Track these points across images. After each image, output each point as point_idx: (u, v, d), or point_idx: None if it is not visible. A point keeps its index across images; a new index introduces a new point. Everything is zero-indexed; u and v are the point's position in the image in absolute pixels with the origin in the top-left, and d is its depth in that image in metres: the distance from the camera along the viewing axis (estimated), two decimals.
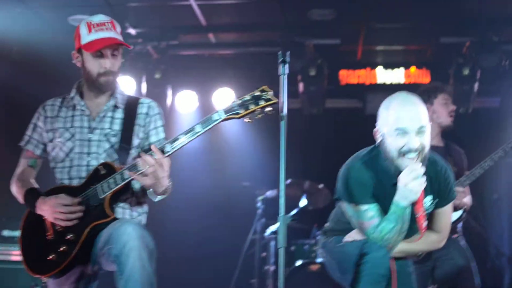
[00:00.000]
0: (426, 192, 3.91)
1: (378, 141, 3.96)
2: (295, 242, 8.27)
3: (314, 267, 7.76)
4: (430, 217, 4.11)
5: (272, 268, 7.99)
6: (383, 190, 3.92)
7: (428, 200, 4.00)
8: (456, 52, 8.29)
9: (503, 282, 8.62)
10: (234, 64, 9.05)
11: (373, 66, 8.78)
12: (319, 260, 7.63)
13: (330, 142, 8.34)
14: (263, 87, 3.91)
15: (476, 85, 8.27)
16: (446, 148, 5.60)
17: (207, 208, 8.72)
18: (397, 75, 8.73)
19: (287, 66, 3.89)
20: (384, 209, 3.91)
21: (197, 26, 8.09)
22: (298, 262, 7.86)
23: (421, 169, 3.74)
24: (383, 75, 8.76)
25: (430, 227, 4.12)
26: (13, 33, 7.71)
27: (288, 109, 9.04)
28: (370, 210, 3.91)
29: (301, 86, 8.51)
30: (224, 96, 8.72)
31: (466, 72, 8.19)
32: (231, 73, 9.03)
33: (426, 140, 3.82)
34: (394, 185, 3.84)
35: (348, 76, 8.81)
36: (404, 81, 8.66)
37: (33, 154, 4.33)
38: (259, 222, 8.13)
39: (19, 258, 6.08)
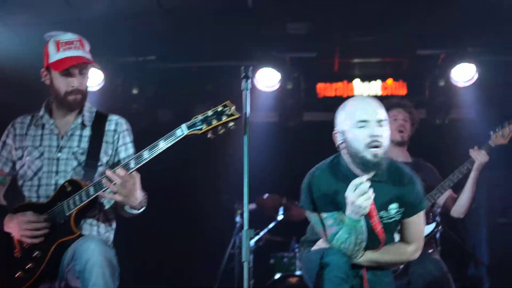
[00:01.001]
0: (392, 200, 3.97)
1: (338, 143, 3.99)
2: (275, 255, 8.31)
3: (293, 280, 7.81)
4: (401, 227, 4.12)
5: (252, 281, 7.97)
6: (344, 197, 3.90)
7: (393, 208, 4.00)
8: (431, 64, 8.37)
9: None
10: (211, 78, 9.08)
11: (350, 79, 8.80)
12: (298, 272, 7.66)
13: (308, 155, 8.34)
14: (226, 102, 3.93)
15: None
16: (414, 164, 5.60)
17: (185, 222, 8.71)
18: (374, 88, 8.75)
19: (249, 81, 3.89)
20: None
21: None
22: (277, 275, 7.89)
23: (365, 184, 3.73)
24: (360, 88, 8.78)
25: (401, 237, 4.14)
26: None
27: (266, 123, 9.15)
28: (329, 218, 3.95)
29: (277, 100, 8.54)
30: (209, 109, 8.66)
31: (441, 83, 8.27)
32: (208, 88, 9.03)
33: (386, 132, 3.87)
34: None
35: (325, 89, 8.82)
36: (381, 93, 8.68)
37: (1, 171, 4.35)
38: (238, 235, 8.13)
39: None
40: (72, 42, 4.22)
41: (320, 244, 4.11)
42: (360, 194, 3.72)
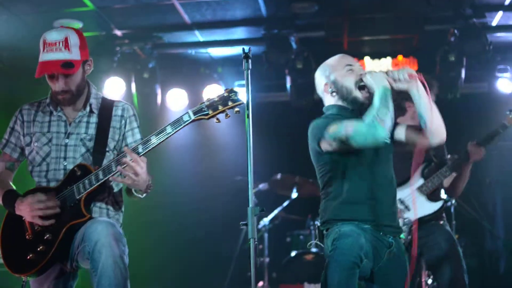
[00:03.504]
0: None
1: (329, 94, 4.27)
2: (291, 233, 8.39)
3: (308, 257, 7.88)
4: None
5: (267, 259, 8.08)
6: None
7: None
8: (441, 40, 8.35)
9: (500, 264, 8.70)
10: (221, 61, 9.14)
11: (360, 57, 8.77)
12: (314, 250, 7.72)
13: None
14: (231, 88, 4.03)
15: (463, 71, 8.32)
16: None
17: (200, 203, 8.79)
18: (384, 64, 8.76)
19: (250, 61, 3.95)
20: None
21: (181, 25, 8.13)
22: (293, 253, 7.98)
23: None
24: (371, 65, 8.78)
25: None
26: (2, 40, 7.81)
27: (277, 103, 9.19)
28: (342, 121, 4.02)
29: (288, 80, 8.60)
30: (214, 93, 8.76)
31: (452, 58, 8.24)
32: (219, 71, 9.11)
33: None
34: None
35: None
36: (392, 70, 8.64)
37: (10, 157, 4.41)
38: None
39: None
40: (55, 43, 4.13)
41: None
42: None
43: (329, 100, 4.27)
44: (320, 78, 4.32)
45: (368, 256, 3.85)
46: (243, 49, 3.97)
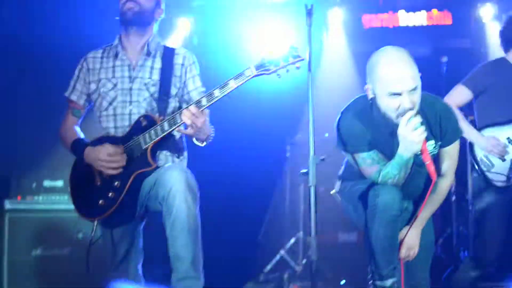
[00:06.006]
0: (428, 137, 3.92)
1: (370, 97, 3.97)
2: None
3: None
4: (436, 158, 4.13)
5: (302, 208, 8.18)
6: (380, 138, 4.02)
7: (431, 145, 4.03)
8: None
9: None
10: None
11: (395, 10, 8.83)
12: None
13: (356, 85, 8.47)
14: (291, 43, 4.12)
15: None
16: None
17: (240, 154, 8.88)
18: (419, 18, 8.76)
19: (312, 18, 4.07)
20: (385, 155, 4.04)
21: None
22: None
23: (417, 119, 3.77)
24: (406, 18, 8.82)
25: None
26: None
27: None
28: (368, 158, 4.04)
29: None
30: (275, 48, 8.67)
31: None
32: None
33: (417, 98, 3.84)
34: (391, 133, 3.93)
35: (371, 21, 8.90)
36: (427, 23, 8.70)
37: (76, 104, 4.60)
38: (289, 166, 8.33)
39: (61, 207, 6.45)
40: None
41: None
42: (413, 129, 3.75)
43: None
44: (367, 74, 3.98)
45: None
46: (306, 5, 4.07)
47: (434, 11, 8.77)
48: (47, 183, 7.04)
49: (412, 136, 3.77)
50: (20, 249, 6.63)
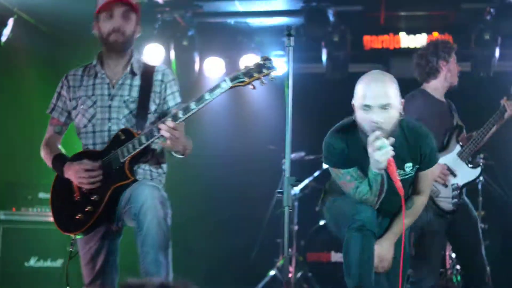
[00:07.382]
0: (405, 160, 4.17)
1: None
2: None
3: None
4: (414, 179, 4.36)
5: (296, 227, 8.26)
6: (359, 155, 4.15)
7: (408, 167, 4.22)
8: (477, 18, 8.43)
9: None
10: (259, 30, 9.27)
11: (396, 32, 8.91)
12: None
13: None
14: (266, 56, 4.24)
15: (497, 50, 8.41)
16: (448, 105, 5.73)
17: (233, 170, 8.96)
18: (420, 40, 8.81)
19: (292, 39, 4.15)
20: (364, 173, 4.18)
21: None
22: (322, 222, 8.17)
23: (382, 140, 3.90)
24: (407, 41, 8.89)
25: (413, 188, 4.41)
26: (45, 4, 7.95)
27: (311, 74, 9.29)
28: (347, 174, 4.21)
29: (324, 52, 8.72)
30: (250, 61, 8.89)
31: (487, 37, 8.33)
32: (257, 40, 9.25)
33: (390, 116, 3.98)
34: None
35: (372, 42, 8.96)
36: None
37: (58, 121, 4.65)
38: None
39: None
40: None
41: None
42: (377, 148, 3.90)
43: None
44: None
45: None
46: (287, 27, 4.16)
47: (435, 33, 8.82)
48: (42, 195, 7.16)
49: (376, 155, 3.94)
50: (13, 260, 6.73)
